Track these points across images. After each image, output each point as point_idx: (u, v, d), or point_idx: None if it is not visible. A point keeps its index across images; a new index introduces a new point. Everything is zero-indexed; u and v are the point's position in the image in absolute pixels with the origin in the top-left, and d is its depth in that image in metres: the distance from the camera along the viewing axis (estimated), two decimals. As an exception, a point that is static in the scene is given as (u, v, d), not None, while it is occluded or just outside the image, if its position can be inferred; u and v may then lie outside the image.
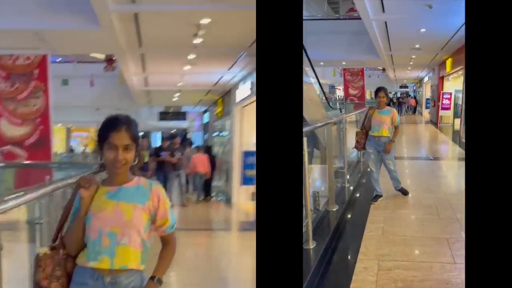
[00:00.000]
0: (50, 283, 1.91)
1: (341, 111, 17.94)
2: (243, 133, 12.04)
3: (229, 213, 11.12)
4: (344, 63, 16.89)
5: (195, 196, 11.20)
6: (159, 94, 14.77)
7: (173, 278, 5.11)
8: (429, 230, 4.61)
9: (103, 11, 5.55)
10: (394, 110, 6.00)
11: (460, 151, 11.47)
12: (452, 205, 5.61)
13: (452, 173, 8.86)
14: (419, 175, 7.73)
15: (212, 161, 12.08)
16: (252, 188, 10.78)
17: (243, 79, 11.36)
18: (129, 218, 1.93)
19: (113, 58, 12.43)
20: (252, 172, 11.08)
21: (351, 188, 6.41)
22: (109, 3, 5.27)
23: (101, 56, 13.26)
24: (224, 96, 15.00)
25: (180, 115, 20.43)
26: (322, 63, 15.96)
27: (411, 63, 17.69)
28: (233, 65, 9.85)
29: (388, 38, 11.33)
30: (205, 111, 20.62)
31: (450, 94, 17.52)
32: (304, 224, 3.90)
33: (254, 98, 10.23)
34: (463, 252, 3.95)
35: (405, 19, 9.29)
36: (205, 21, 6.32)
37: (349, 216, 5.21)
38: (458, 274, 3.52)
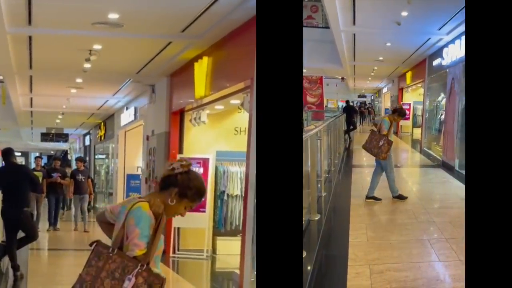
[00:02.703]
0: None
1: (303, 119, 18.20)
2: (126, 156, 12.38)
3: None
4: (305, 70, 17.09)
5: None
6: (42, 115, 14.97)
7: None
8: (411, 233, 4.82)
9: (-1, 32, 5.53)
10: None
11: (422, 158, 11.97)
12: (426, 209, 5.90)
13: (420, 179, 9.24)
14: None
15: (93, 183, 12.37)
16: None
17: (127, 104, 11.74)
18: None
19: (-3, 78, 12.12)
20: (135, 195, 10.99)
21: (327, 196, 6.55)
22: (6, 24, 5.27)
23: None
24: (106, 120, 15.46)
25: (61, 137, 20.80)
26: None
27: (372, 74, 18.21)
28: (118, 90, 10.12)
29: (354, 49, 11.67)
30: (86, 134, 21.11)
31: (409, 105, 18.23)
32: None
33: (138, 123, 10.74)
34: (445, 251, 4.21)
35: (373, 33, 9.67)
36: (97, 46, 6.43)
37: (331, 224, 5.32)
38: (445, 271, 3.74)
